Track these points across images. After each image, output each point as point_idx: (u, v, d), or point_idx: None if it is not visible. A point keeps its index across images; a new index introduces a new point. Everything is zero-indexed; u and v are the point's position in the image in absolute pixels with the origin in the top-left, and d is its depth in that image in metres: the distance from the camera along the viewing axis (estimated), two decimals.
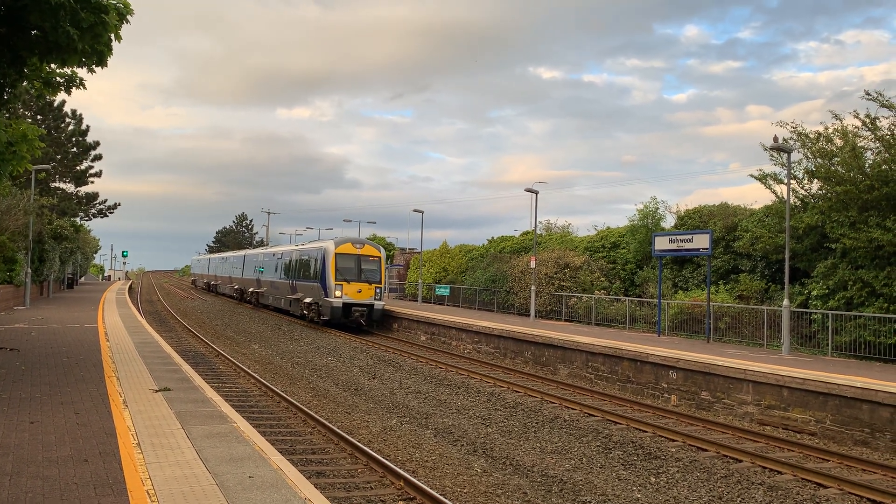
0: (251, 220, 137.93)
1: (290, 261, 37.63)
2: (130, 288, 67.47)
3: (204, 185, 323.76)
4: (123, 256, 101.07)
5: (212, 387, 13.02)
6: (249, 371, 18.80)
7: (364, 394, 16.83)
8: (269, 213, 79.18)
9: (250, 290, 47.61)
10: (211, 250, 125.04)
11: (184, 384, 12.13)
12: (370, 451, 10.86)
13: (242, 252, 57.04)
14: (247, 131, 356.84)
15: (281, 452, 8.55)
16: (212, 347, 24.11)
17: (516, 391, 17.58)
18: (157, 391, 11.23)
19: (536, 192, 33.18)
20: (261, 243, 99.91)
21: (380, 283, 31.82)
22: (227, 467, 7.13)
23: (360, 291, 30.85)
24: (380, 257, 32.22)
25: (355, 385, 17.94)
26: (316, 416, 13.34)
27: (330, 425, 12.57)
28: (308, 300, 33.27)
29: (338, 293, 30.47)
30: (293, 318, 36.56)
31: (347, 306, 30.53)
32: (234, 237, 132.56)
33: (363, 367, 21.04)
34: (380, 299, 31.73)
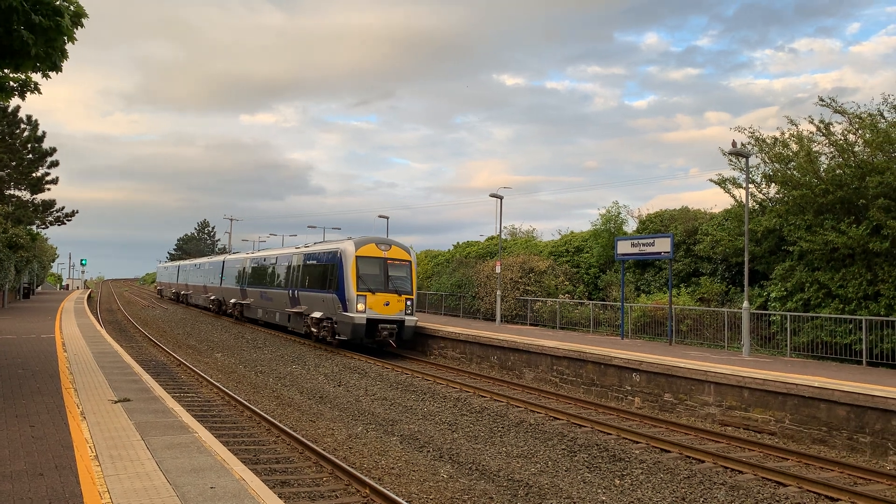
0: (213, 227, 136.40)
1: (291, 267, 31.79)
2: (89, 297, 66.14)
3: (165, 192, 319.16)
4: (82, 265, 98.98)
5: (173, 397, 12.81)
6: (212, 380, 18.53)
7: (329, 401, 16.70)
8: (231, 220, 78.30)
9: (232, 301, 41.91)
10: (172, 258, 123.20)
11: (144, 395, 11.91)
12: (335, 460, 10.77)
13: (220, 257, 50.37)
14: (209, 137, 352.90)
15: (244, 462, 8.45)
16: (173, 357, 23.72)
17: (482, 396, 17.60)
18: (116, 402, 11.01)
19: (501, 198, 33.32)
20: (223, 250, 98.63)
21: (411, 293, 26.07)
22: (189, 478, 7.01)
23: (387, 304, 25.21)
24: (410, 261, 26.62)
25: (320, 393, 17.79)
26: (280, 424, 13.19)
27: (294, 434, 12.44)
28: (316, 315, 27.55)
29: (360, 306, 24.78)
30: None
31: (372, 323, 24.85)
32: (196, 244, 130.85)
33: (328, 374, 20.88)
34: (411, 314, 25.91)
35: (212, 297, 47.77)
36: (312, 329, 28.01)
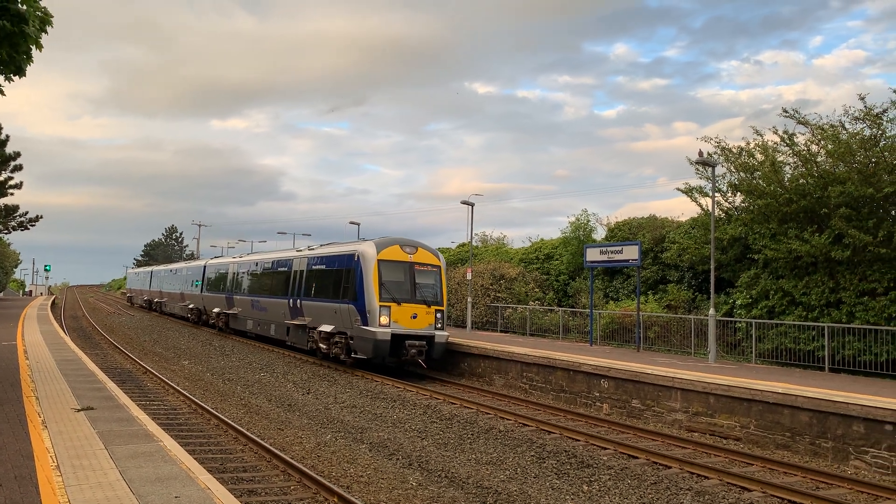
0: (181, 233, 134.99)
1: (292, 272, 27.85)
2: (53, 303, 64.89)
3: (134, 198, 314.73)
4: (46, 271, 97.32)
5: (138, 405, 12.63)
6: (178, 388, 18.29)
7: (298, 409, 16.57)
8: (199, 226, 77.53)
9: (215, 310, 37.76)
10: (139, 264, 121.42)
11: (108, 403, 11.73)
12: (303, 468, 10.69)
13: (201, 262, 45.82)
14: (179, 142, 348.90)
15: (210, 471, 8.35)
16: (139, 364, 23.38)
17: (452, 403, 17.60)
18: (79, 410, 10.82)
19: (472, 205, 33.45)
20: (191, 256, 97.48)
21: (441, 304, 22.60)
22: (153, 488, 6.92)
23: (414, 317, 21.77)
24: (439, 266, 23.10)
25: (289, 401, 17.66)
26: (247, 432, 13.07)
27: (262, 442, 12.33)
28: (326, 329, 23.79)
29: (383, 319, 21.24)
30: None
31: (398, 339, 21.31)
32: (164, 250, 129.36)
33: (297, 382, 20.73)
34: (442, 328, 22.46)
35: (190, 306, 43.93)
36: (321, 345, 24.23)
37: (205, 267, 42.27)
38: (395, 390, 19.37)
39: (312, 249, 27.25)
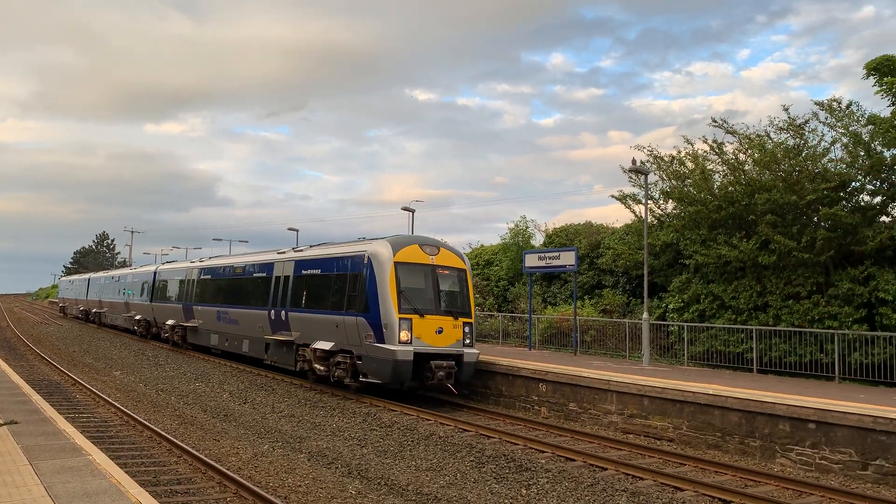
0: (113, 240, 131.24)
1: (274, 278, 23.67)
2: None
3: (63, 203, 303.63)
4: None
5: (66, 418, 12.22)
6: (109, 399, 17.75)
7: (234, 419, 16.28)
8: (132, 232, 75.39)
9: (169, 322, 33.80)
10: (69, 271, 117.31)
11: (34, 416, 11.31)
12: (239, 479, 10.51)
13: (150, 267, 41.19)
14: (112, 147, 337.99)
15: (142, 485, 8.14)
16: (68, 376, 22.58)
17: (392, 410, 17.55)
18: (2, 425, 10.40)
19: (413, 211, 33.56)
20: (123, 263, 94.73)
21: (470, 315, 19.05)
22: (80, 503, 6.70)
23: (440, 331, 18.15)
24: (465, 269, 19.54)
25: (225, 411, 17.33)
26: (181, 444, 12.77)
27: (197, 453, 12.07)
28: (323, 346, 19.79)
29: (404, 335, 17.56)
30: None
31: (422, 359, 17.66)
32: (95, 258, 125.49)
33: (234, 391, 20.36)
34: (471, 344, 18.90)
35: (137, 317, 39.66)
36: (317, 366, 20.27)
37: (156, 273, 37.97)
38: (333, 399, 19.17)
39: (300, 251, 23.50)
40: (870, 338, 18.27)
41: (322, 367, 20.11)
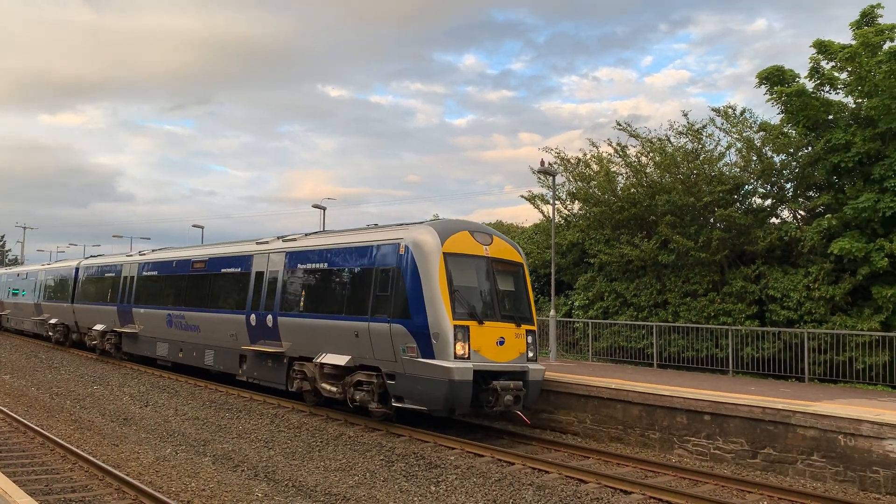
0: (3, 237, 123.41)
1: (254, 273, 19.26)
2: None
3: None
4: None
5: None
6: None
7: (135, 423, 15.68)
8: (25, 229, 71.25)
9: (98, 327, 28.53)
10: None
11: None
12: (139, 485, 10.14)
13: (71, 262, 34.50)
14: (2, 139, 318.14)
15: (32, 494, 7.75)
16: None
17: (301, 411, 17.31)
18: None
19: (324, 209, 33.19)
20: (15, 261, 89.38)
21: (533, 321, 15.39)
22: None
23: (501, 342, 14.36)
24: (522, 264, 15.87)
25: (125, 414, 16.66)
26: (77, 450, 12.20)
27: (93, 459, 11.56)
28: (337, 361, 15.67)
29: (459, 347, 13.64)
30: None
31: (484, 378, 13.87)
32: None
33: (134, 394, 19.60)
34: (535, 357, 15.16)
35: (52, 321, 33.84)
36: (324, 386, 16.05)
37: (77, 269, 32.22)
38: (240, 401, 18.73)
39: (292, 240, 18.74)
40: (760, 333, 19.35)
41: (333, 388, 15.89)
